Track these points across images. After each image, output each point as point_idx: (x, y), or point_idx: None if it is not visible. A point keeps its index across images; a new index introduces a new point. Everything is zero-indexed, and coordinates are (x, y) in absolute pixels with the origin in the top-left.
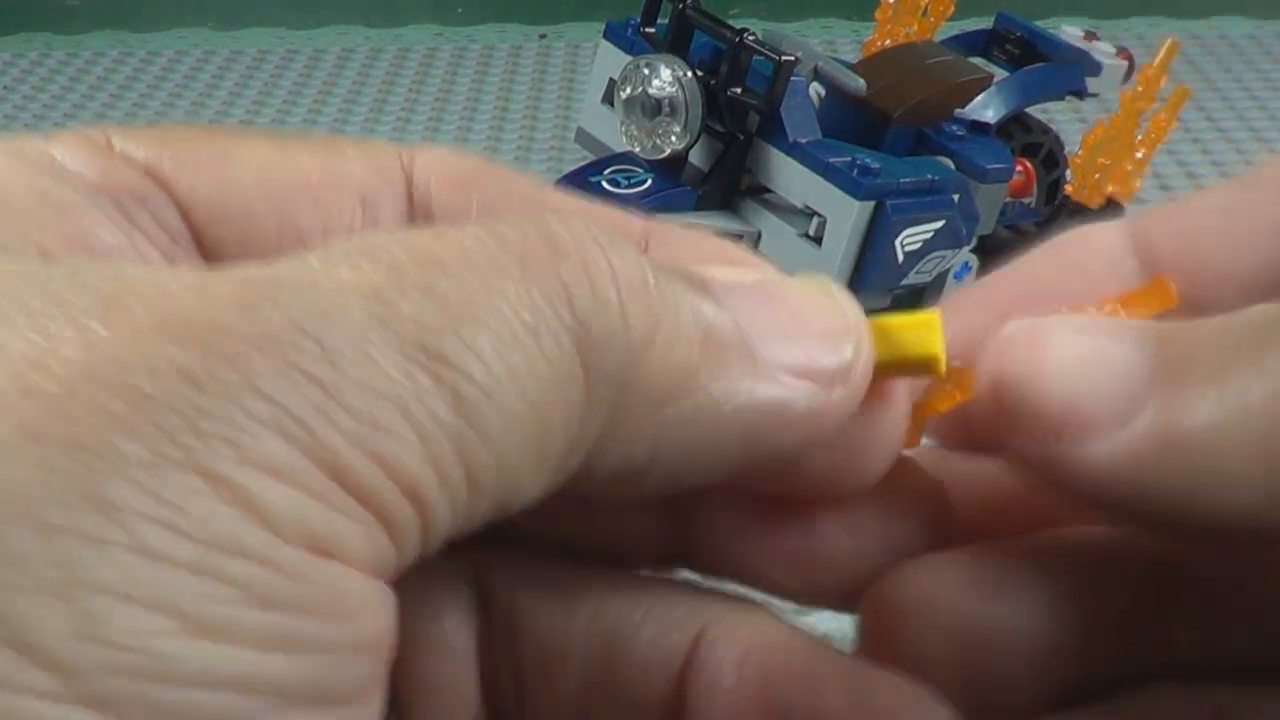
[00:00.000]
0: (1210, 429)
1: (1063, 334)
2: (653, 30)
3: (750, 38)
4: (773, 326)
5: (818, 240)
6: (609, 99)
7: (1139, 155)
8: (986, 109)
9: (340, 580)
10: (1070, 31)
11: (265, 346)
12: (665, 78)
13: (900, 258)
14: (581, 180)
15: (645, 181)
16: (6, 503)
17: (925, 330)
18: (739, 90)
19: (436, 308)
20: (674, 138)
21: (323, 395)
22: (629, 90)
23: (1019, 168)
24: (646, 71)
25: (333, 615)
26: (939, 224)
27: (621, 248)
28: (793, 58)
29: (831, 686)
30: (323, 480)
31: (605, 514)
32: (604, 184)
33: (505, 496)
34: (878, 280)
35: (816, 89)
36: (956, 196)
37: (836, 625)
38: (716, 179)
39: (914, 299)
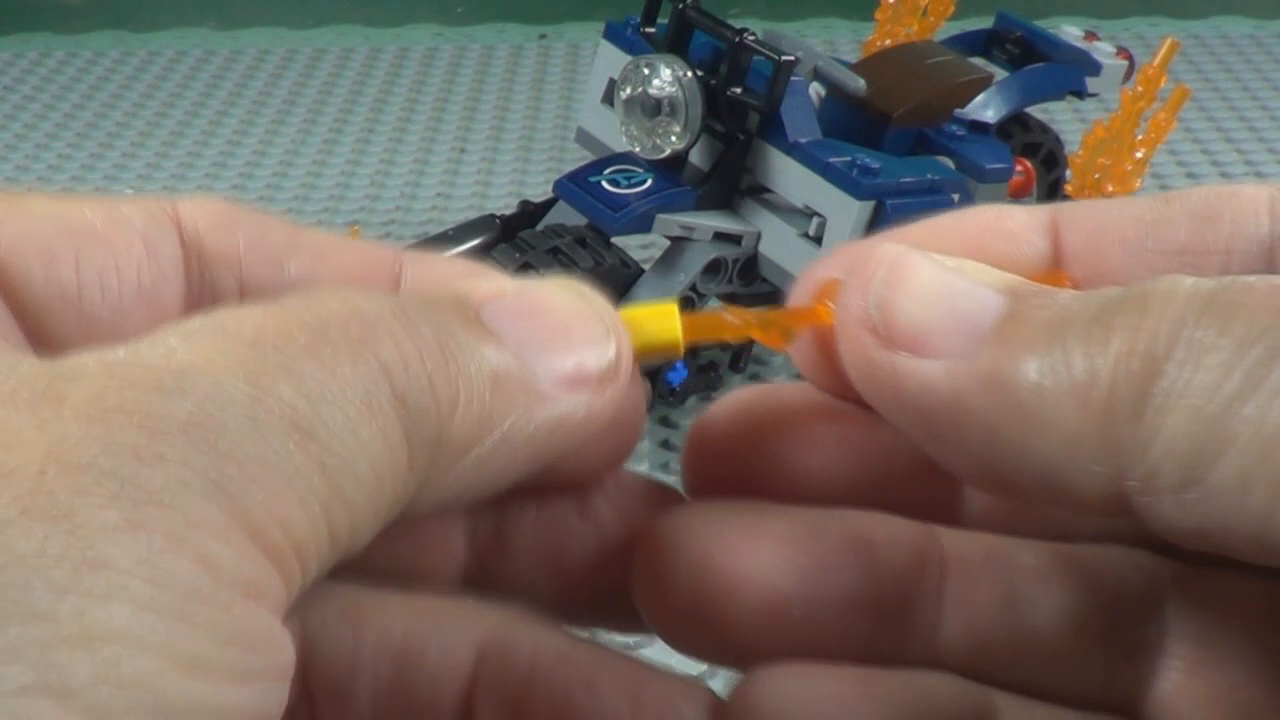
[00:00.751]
0: (1027, 383)
1: (931, 264)
2: (653, 30)
3: (750, 38)
4: (543, 342)
5: (818, 240)
6: (609, 99)
7: (1139, 155)
8: (986, 109)
9: (266, 620)
10: (1070, 31)
11: (189, 429)
12: (665, 78)
13: None
14: (581, 180)
15: (645, 181)
16: (25, 571)
17: (667, 319)
18: (739, 90)
19: (298, 390)
20: (674, 138)
21: (236, 469)
22: (629, 90)
23: (1019, 168)
24: (646, 71)
25: (269, 649)
26: None
27: (420, 319)
28: (793, 58)
29: (610, 687)
30: (244, 539)
31: (404, 540)
32: (604, 184)
33: (350, 548)
34: None
35: (816, 89)
36: (956, 196)
37: None
38: (716, 179)
39: None
